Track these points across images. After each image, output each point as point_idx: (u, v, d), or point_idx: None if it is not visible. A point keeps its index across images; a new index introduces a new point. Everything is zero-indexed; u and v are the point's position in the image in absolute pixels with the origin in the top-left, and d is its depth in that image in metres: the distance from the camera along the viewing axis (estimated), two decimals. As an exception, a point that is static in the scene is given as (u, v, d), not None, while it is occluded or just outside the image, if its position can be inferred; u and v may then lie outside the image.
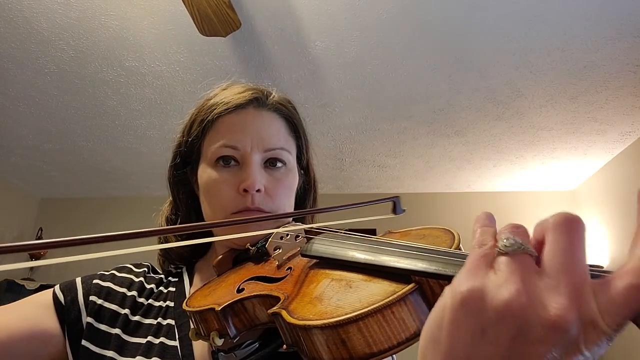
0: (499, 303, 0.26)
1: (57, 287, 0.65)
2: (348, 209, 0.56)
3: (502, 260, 0.28)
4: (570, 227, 0.27)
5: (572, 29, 2.05)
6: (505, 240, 0.28)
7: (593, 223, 3.26)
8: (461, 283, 0.28)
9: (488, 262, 0.28)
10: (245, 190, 0.62)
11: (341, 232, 0.54)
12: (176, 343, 0.59)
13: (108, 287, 0.66)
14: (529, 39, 2.12)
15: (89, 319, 0.61)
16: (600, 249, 3.18)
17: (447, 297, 0.28)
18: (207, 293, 0.54)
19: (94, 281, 0.66)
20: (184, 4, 1.68)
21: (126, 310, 0.63)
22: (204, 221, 0.68)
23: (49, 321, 0.60)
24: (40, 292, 0.65)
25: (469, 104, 2.63)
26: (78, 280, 0.66)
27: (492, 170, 3.40)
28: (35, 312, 0.60)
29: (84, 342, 0.59)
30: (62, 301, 0.63)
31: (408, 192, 3.79)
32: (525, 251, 0.28)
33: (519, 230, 0.30)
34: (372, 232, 0.58)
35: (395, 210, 0.60)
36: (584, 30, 2.06)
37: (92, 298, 0.63)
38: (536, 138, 2.95)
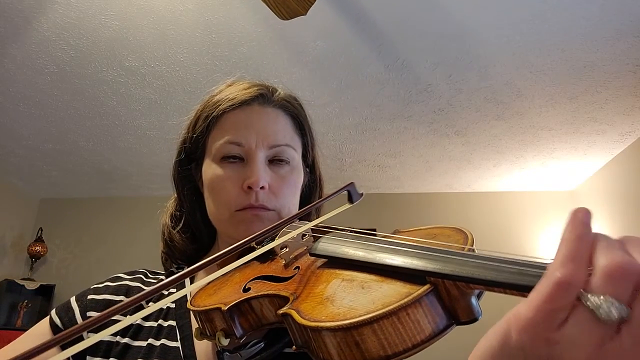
0: None
1: (53, 312, 0.64)
2: (308, 210, 0.55)
3: (586, 317, 0.24)
4: None
5: (572, 29, 2.05)
6: (604, 304, 0.24)
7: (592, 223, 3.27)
8: (534, 322, 0.25)
9: (567, 303, 0.25)
10: (249, 187, 0.61)
11: (348, 232, 0.53)
12: (178, 344, 0.58)
13: (104, 299, 0.64)
14: (529, 39, 2.12)
15: (90, 335, 0.60)
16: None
17: (514, 331, 0.26)
18: (212, 292, 0.53)
19: (89, 297, 0.65)
20: None
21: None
22: (208, 218, 0.68)
23: (51, 351, 0.59)
24: (38, 323, 0.64)
25: (469, 104, 2.63)
26: (72, 300, 0.65)
27: (492, 170, 3.40)
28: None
29: (88, 358, 0.59)
30: (60, 325, 0.61)
31: (408, 192, 3.79)
32: (620, 321, 0.24)
33: (626, 287, 0.24)
34: (372, 232, 0.57)
35: (351, 199, 0.54)
36: (584, 30, 2.06)
37: (90, 314, 0.62)
38: (536, 138, 2.95)
